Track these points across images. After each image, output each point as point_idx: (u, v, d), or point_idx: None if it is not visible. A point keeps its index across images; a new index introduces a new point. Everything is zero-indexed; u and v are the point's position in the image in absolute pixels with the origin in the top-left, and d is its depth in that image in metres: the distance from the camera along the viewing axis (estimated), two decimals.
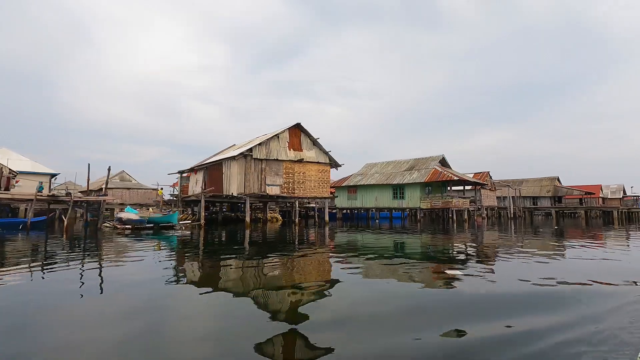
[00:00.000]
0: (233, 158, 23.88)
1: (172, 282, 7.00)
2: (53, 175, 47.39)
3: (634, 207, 63.52)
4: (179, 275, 7.73)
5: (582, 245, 13.57)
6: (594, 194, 61.87)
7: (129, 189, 54.98)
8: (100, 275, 7.71)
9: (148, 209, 37.28)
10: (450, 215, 33.33)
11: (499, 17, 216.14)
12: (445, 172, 33.68)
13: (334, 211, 43.24)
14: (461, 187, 44.41)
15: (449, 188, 38.16)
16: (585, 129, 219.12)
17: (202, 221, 21.76)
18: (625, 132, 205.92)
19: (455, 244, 14.23)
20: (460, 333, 4.07)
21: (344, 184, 41.55)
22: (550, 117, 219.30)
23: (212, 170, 22.78)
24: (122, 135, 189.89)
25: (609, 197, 69.25)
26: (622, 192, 71.40)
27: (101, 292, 6.13)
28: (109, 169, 23.25)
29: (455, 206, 33.18)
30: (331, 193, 52.44)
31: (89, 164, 21.71)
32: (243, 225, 22.42)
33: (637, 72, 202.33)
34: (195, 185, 23.51)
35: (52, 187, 47.75)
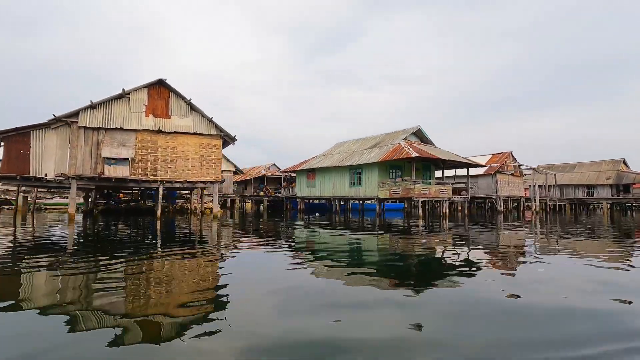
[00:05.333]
0: (48, 126, 17.47)
1: None
2: None
3: None
4: None
5: None
6: None
7: None
8: None
9: None
10: (409, 207, 23.76)
11: None
12: (406, 149, 23.98)
13: (296, 200, 35.42)
14: (471, 172, 33.76)
15: (434, 173, 28.20)
16: None
17: None
18: None
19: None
20: None
21: (301, 168, 33.39)
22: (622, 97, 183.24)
23: (15, 142, 16.64)
24: None
25: None
26: None
27: None
28: None
29: (420, 195, 23.44)
30: (291, 177, 43.82)
31: None
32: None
33: None
34: None
35: None
